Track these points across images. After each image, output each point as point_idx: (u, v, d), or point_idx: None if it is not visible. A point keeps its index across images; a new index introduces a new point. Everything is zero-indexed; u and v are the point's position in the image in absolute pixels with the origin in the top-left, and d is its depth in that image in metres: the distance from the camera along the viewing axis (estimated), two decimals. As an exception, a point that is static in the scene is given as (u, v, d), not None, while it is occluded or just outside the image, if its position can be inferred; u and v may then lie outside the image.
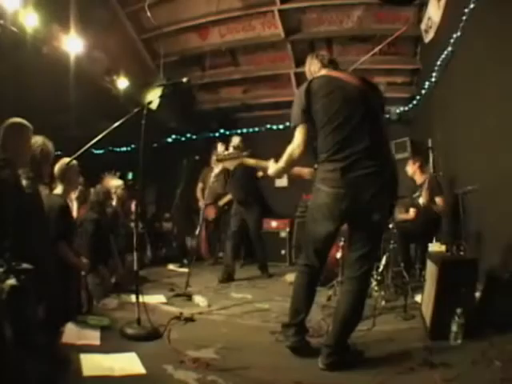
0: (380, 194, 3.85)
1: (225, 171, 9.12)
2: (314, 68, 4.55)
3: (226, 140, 9.43)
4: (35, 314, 3.51)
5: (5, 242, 3.63)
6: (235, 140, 9.06)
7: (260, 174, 9.04)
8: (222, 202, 11.08)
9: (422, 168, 8.19)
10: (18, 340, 2.98)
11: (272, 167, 4.56)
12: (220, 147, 8.67)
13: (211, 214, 11.20)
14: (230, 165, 5.36)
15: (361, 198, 3.84)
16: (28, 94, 8.36)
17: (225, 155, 5.23)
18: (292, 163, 4.29)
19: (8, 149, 4.18)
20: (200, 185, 11.45)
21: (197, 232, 8.45)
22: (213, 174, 8.97)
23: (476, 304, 4.68)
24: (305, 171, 4.91)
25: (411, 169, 8.15)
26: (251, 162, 5.39)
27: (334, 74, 4.29)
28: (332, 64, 4.51)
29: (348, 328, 4.00)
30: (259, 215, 9.21)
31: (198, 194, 11.46)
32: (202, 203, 10.91)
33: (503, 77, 5.66)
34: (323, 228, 4.08)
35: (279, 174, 4.53)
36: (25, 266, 3.42)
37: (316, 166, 4.28)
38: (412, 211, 7.89)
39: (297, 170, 4.77)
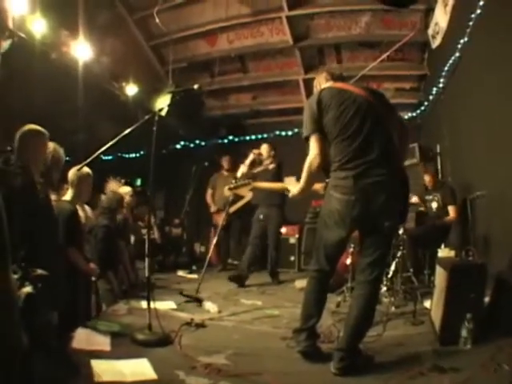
0: (391, 200, 3.88)
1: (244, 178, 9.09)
2: (321, 80, 4.60)
3: (233, 151, 9.42)
4: (49, 320, 3.54)
5: (21, 251, 3.66)
6: (264, 149, 9.11)
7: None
8: (232, 209, 11.06)
9: (435, 175, 8.19)
10: (32, 346, 3.00)
11: (294, 188, 4.57)
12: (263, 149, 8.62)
13: (220, 219, 11.23)
14: (244, 192, 5.38)
15: (372, 204, 3.87)
16: (37, 100, 8.42)
17: (236, 184, 5.24)
18: (313, 175, 4.29)
19: (25, 156, 4.21)
20: (210, 191, 11.46)
21: (214, 240, 8.45)
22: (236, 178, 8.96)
23: (485, 309, 4.69)
24: (318, 186, 4.93)
25: (428, 179, 8.17)
26: (262, 185, 5.43)
27: (341, 85, 4.33)
28: (340, 78, 4.57)
29: (360, 332, 4.02)
30: (280, 223, 9.21)
31: (208, 199, 11.46)
32: (213, 209, 10.94)
33: (511, 82, 5.67)
34: (335, 234, 4.11)
35: (303, 192, 4.48)
36: (40, 271, 3.44)
37: (328, 180, 4.30)
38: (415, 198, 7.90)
39: None
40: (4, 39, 2.45)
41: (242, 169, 8.78)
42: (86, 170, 5.65)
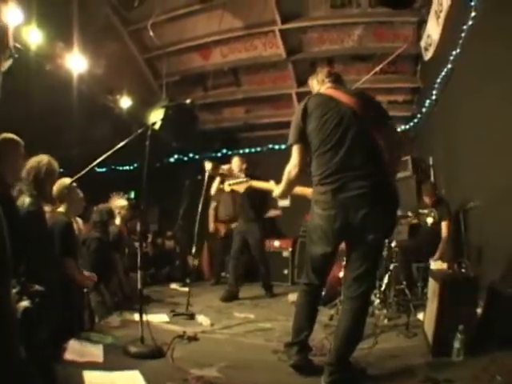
0: (374, 213, 3.82)
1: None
2: (314, 88, 4.59)
3: (228, 163, 9.37)
4: (44, 333, 3.54)
5: (20, 267, 3.65)
6: (234, 163, 9.11)
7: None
8: (234, 225, 11.02)
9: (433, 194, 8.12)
10: (29, 359, 3.00)
11: (275, 189, 4.63)
12: (207, 165, 8.51)
13: (222, 231, 11.12)
14: (240, 188, 5.40)
15: (353, 218, 3.84)
16: (31, 111, 8.41)
17: (235, 181, 5.27)
18: (291, 183, 4.36)
19: (0, 165, 4.18)
20: (213, 204, 11.33)
21: (193, 250, 8.41)
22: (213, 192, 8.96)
23: (478, 320, 4.69)
24: (308, 191, 4.93)
25: (427, 200, 8.10)
26: (258, 184, 5.44)
27: (331, 92, 4.28)
28: (331, 77, 4.50)
29: (349, 346, 3.98)
30: (261, 235, 9.13)
31: (211, 213, 11.24)
32: (212, 225, 10.83)
33: (503, 93, 5.69)
34: (320, 249, 4.12)
35: (282, 195, 4.59)
36: (37, 287, 3.44)
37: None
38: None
39: (299, 189, 4.79)
40: (5, 59, 2.47)
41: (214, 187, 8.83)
42: (65, 180, 5.65)
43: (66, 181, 5.67)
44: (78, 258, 5.75)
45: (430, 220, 7.57)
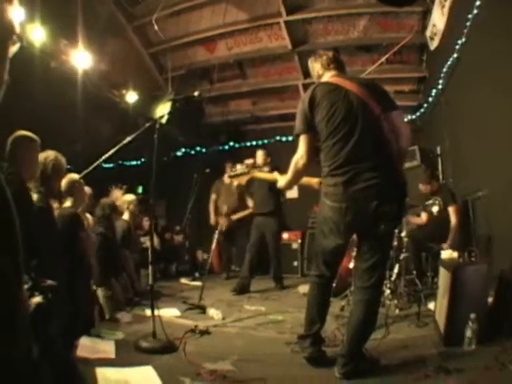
0: (385, 204, 3.79)
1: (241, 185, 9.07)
2: (317, 72, 4.50)
3: (234, 157, 9.40)
4: (57, 330, 3.53)
5: (32, 261, 3.66)
6: (260, 156, 9.16)
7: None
8: (235, 217, 10.98)
9: (433, 180, 8.09)
10: (41, 357, 3.00)
11: (280, 180, 4.59)
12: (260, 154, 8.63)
13: (224, 224, 11.10)
14: (241, 180, 5.38)
15: (364, 210, 3.80)
16: (37, 109, 8.41)
17: (236, 173, 5.25)
18: (298, 174, 4.30)
19: (16, 162, 4.19)
20: (213, 196, 11.33)
21: (213, 245, 8.43)
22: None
23: (489, 309, 4.68)
24: (314, 181, 4.91)
25: (423, 188, 8.07)
26: (260, 175, 5.41)
27: (338, 81, 4.19)
28: (335, 63, 4.43)
29: (361, 337, 3.98)
30: (278, 228, 9.22)
31: (211, 206, 11.25)
32: (212, 218, 10.85)
33: (509, 81, 5.66)
34: (331, 241, 4.08)
35: (288, 186, 4.56)
36: (50, 282, 3.44)
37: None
38: (424, 215, 7.89)
39: (305, 179, 4.75)
40: (13, 43, 2.46)
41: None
42: (73, 175, 5.66)
43: (74, 176, 5.68)
44: (86, 248, 5.75)
45: (435, 208, 7.57)
